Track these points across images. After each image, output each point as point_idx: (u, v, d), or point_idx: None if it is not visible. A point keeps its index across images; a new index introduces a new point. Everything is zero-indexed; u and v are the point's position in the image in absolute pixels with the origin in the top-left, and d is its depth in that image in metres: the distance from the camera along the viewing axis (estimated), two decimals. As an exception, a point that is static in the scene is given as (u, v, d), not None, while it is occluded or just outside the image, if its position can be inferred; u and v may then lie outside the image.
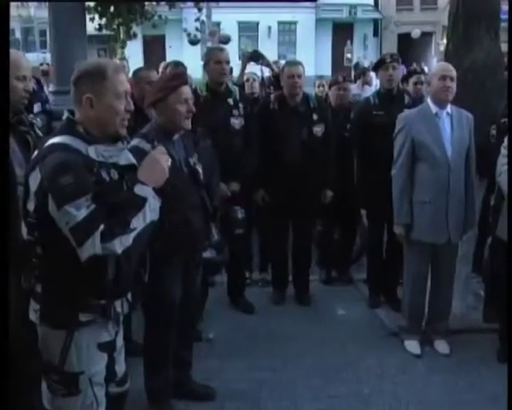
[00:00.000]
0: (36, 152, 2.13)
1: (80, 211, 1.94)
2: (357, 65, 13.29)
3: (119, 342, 2.41)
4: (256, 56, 5.61)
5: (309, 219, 4.74)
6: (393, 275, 4.60)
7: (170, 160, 2.30)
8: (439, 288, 3.94)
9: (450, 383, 3.58)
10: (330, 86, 5.25)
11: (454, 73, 3.69)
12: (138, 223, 2.06)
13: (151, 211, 2.12)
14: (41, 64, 10.76)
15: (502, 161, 3.52)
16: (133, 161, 2.27)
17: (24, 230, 2.12)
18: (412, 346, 3.95)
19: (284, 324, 4.32)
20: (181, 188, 2.32)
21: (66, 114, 2.17)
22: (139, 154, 2.41)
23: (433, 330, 4.03)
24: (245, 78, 5.65)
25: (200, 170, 3.03)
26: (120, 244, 1.99)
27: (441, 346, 3.96)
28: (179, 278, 3.03)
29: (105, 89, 2.11)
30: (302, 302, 4.72)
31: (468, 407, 3.35)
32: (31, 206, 2.05)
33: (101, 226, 1.96)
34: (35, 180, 2.01)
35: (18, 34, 31.24)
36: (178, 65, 4.89)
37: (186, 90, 2.91)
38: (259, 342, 4.03)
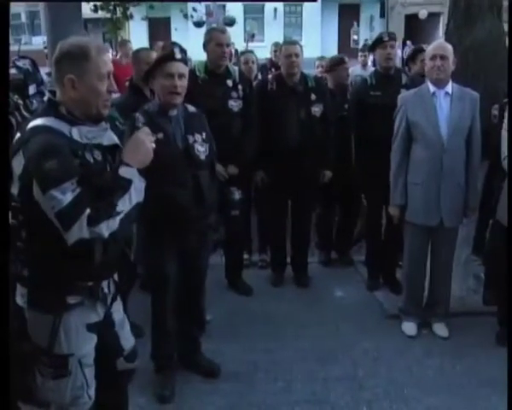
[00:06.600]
0: (18, 134, 2.08)
1: (66, 195, 1.91)
2: (365, 46, 13.16)
3: (118, 316, 2.38)
4: None
5: (308, 200, 4.69)
6: (392, 257, 4.57)
7: (153, 139, 2.25)
8: (437, 271, 3.89)
9: (447, 367, 3.55)
10: (327, 71, 5.14)
11: (446, 50, 3.59)
12: (124, 205, 2.04)
13: (136, 193, 2.09)
14: (45, 47, 10.76)
15: (505, 144, 3.44)
16: (116, 141, 2.23)
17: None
18: (408, 327, 3.93)
19: (282, 306, 4.31)
20: (167, 163, 2.30)
21: (47, 95, 2.13)
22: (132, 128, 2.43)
23: (431, 312, 3.99)
24: (243, 59, 5.56)
25: (202, 149, 3.03)
26: (107, 228, 1.98)
27: (440, 329, 3.92)
28: (172, 253, 3.05)
29: (87, 70, 2.06)
30: (300, 284, 4.69)
31: (464, 390, 3.32)
32: (15, 189, 2.02)
33: (88, 210, 1.94)
34: (19, 164, 1.97)
35: (23, 18, 31.13)
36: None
37: (171, 66, 2.90)
38: (256, 323, 4.02)
